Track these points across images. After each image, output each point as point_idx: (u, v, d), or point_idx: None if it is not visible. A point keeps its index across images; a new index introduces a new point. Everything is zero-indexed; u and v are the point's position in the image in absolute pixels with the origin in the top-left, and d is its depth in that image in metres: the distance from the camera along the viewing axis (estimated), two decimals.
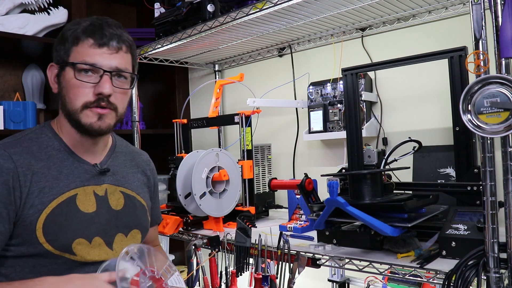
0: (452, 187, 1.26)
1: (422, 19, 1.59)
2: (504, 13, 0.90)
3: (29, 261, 0.97)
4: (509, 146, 0.90)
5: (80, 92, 1.00)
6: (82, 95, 1.00)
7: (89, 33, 1.00)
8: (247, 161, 1.71)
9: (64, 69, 1.02)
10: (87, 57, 1.00)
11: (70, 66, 1.01)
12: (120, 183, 1.14)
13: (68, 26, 1.05)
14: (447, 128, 1.54)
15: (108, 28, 1.02)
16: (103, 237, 1.05)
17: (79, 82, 1.00)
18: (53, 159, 1.03)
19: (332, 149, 1.93)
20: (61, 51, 1.03)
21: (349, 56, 1.82)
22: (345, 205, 1.13)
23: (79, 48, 1.00)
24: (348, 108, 1.44)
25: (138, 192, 1.19)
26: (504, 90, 0.89)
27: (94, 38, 1.00)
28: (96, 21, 1.03)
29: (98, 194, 1.07)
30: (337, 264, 1.18)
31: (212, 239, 1.44)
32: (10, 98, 2.14)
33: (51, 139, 1.06)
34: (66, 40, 1.02)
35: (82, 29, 1.01)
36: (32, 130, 1.07)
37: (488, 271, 0.93)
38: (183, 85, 2.63)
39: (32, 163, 0.99)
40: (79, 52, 1.00)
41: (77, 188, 1.03)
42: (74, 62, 1.00)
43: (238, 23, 1.59)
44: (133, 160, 1.24)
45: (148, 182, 1.27)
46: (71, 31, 1.02)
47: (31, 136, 1.05)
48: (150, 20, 1.99)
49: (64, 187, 1.02)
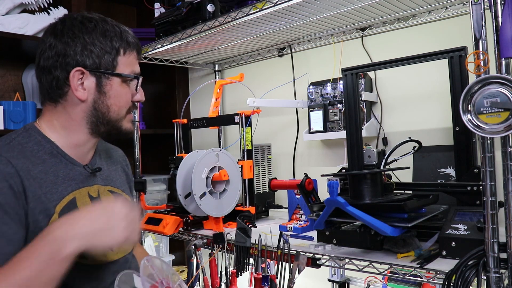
0: (452, 187, 1.26)
1: (422, 19, 1.59)
2: (504, 13, 0.90)
3: None
4: (509, 146, 0.90)
5: (127, 101, 1.07)
6: (126, 102, 1.07)
7: (134, 46, 1.06)
8: (247, 161, 1.71)
9: (109, 78, 1.02)
10: (135, 68, 1.07)
11: (117, 76, 1.03)
12: (107, 182, 1.14)
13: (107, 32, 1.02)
14: (447, 128, 1.54)
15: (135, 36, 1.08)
16: None
17: (125, 91, 1.05)
18: (48, 164, 0.99)
19: (332, 149, 1.93)
20: (101, 59, 1.00)
21: (349, 56, 1.82)
22: (345, 205, 1.13)
23: (126, 59, 1.04)
24: (348, 108, 1.44)
25: (122, 189, 1.19)
26: (504, 90, 0.89)
27: (137, 51, 1.08)
28: (127, 30, 1.06)
29: (92, 196, 1.07)
30: (337, 264, 1.18)
31: (216, 235, 1.44)
32: (10, 98, 2.14)
33: (41, 142, 1.01)
34: (110, 48, 1.01)
35: (127, 40, 1.04)
36: (18, 134, 1.01)
37: (488, 271, 0.93)
38: (183, 85, 2.63)
39: (30, 168, 0.95)
40: (126, 63, 1.04)
41: (73, 192, 1.02)
42: (129, 75, 1.05)
43: (238, 23, 1.59)
44: (111, 157, 1.24)
45: (127, 177, 1.28)
46: (114, 40, 1.02)
47: (19, 140, 0.99)
48: (150, 20, 1.99)
49: (63, 191, 1.00)
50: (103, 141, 1.24)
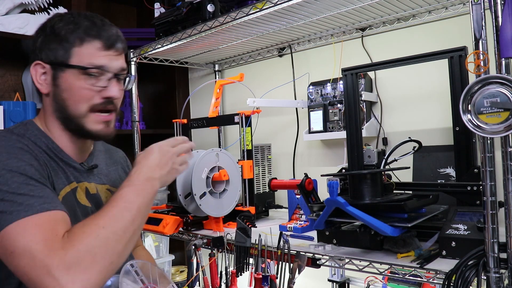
0: (452, 187, 1.26)
1: (422, 19, 1.59)
2: (504, 13, 0.90)
3: None
4: (509, 146, 0.90)
5: (85, 95, 0.98)
6: (88, 98, 0.98)
7: (95, 35, 0.97)
8: (247, 161, 1.71)
9: (63, 70, 0.97)
10: (94, 59, 0.97)
11: (71, 68, 0.96)
12: (105, 181, 1.14)
13: (61, 24, 0.98)
14: (447, 128, 1.54)
15: (111, 28, 1.00)
16: None
17: (85, 86, 0.97)
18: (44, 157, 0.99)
19: (332, 149, 1.93)
20: (56, 51, 0.97)
21: (349, 56, 1.82)
22: (345, 205, 1.13)
23: (84, 50, 0.96)
24: (348, 108, 1.44)
25: None
26: (504, 90, 0.89)
27: (101, 40, 0.97)
28: (94, 19, 1.00)
29: (90, 192, 1.07)
30: (337, 264, 1.18)
31: (216, 239, 1.44)
32: (10, 98, 2.14)
33: (38, 136, 1.00)
34: (64, 40, 0.97)
35: (84, 29, 0.97)
36: (15, 127, 1.01)
37: (488, 271, 0.93)
38: (183, 85, 2.63)
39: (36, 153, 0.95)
40: (83, 54, 0.96)
41: (73, 183, 1.03)
42: (82, 66, 0.96)
43: (238, 23, 1.59)
44: (112, 157, 1.24)
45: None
46: (69, 30, 0.97)
47: (18, 131, 0.99)
48: (150, 20, 1.99)
49: (65, 180, 1.01)
50: (104, 143, 1.25)
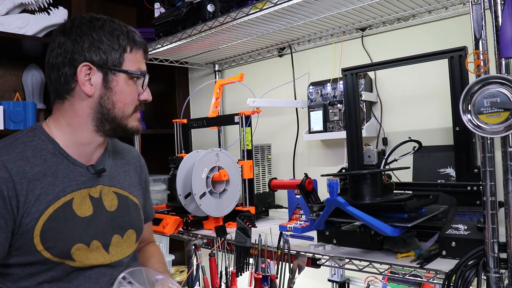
0: (452, 187, 1.26)
1: (422, 19, 1.59)
2: (504, 13, 0.90)
3: (27, 268, 0.96)
4: (509, 146, 0.90)
5: (132, 97, 1.08)
6: (133, 100, 1.08)
7: (140, 44, 1.09)
8: (247, 161, 1.71)
9: (115, 74, 1.04)
10: (141, 66, 1.09)
11: (123, 72, 1.04)
12: (112, 183, 1.14)
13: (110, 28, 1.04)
14: (447, 128, 1.54)
15: (141, 38, 1.10)
16: (100, 240, 1.04)
17: (133, 89, 1.07)
18: (48, 163, 1.01)
19: (332, 149, 1.93)
20: (109, 55, 1.02)
21: (349, 56, 1.82)
22: (345, 205, 1.13)
23: (132, 56, 1.06)
24: (348, 108, 1.45)
25: (130, 191, 1.18)
26: (504, 90, 0.89)
27: (143, 50, 1.11)
28: (133, 30, 1.09)
29: (94, 197, 1.07)
30: (337, 264, 1.18)
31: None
32: (10, 98, 2.14)
33: (45, 142, 1.03)
34: (118, 44, 1.04)
35: (134, 39, 1.07)
36: (23, 134, 1.04)
37: (488, 271, 0.93)
38: (183, 85, 2.63)
39: (27, 170, 0.96)
40: (132, 60, 1.06)
41: (73, 192, 1.02)
42: (134, 71, 1.06)
43: (238, 23, 1.59)
44: (124, 158, 1.24)
45: (140, 179, 1.27)
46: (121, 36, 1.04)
47: (23, 140, 1.02)
48: (150, 20, 1.99)
49: (60, 192, 1.00)
50: (118, 142, 1.26)
